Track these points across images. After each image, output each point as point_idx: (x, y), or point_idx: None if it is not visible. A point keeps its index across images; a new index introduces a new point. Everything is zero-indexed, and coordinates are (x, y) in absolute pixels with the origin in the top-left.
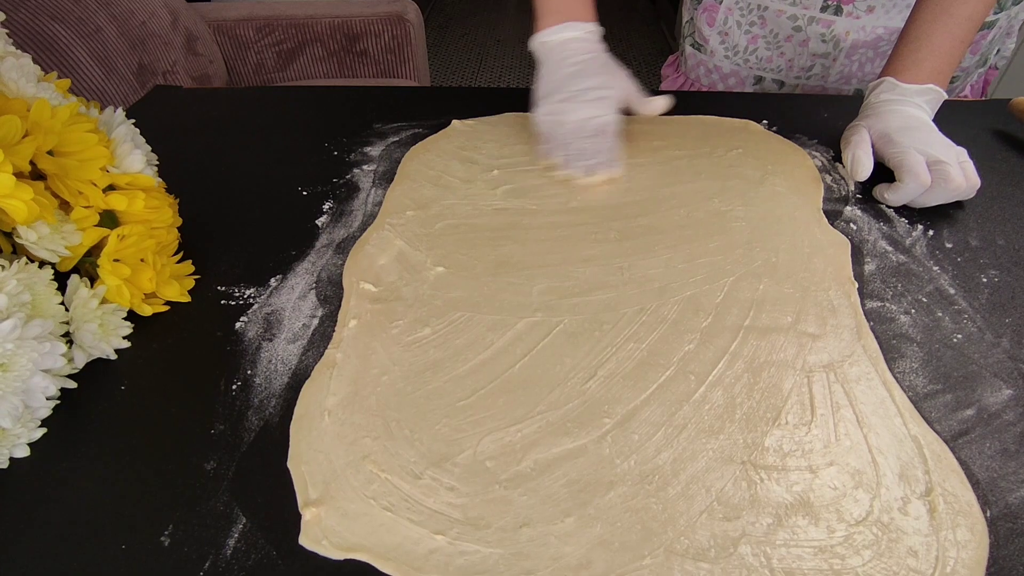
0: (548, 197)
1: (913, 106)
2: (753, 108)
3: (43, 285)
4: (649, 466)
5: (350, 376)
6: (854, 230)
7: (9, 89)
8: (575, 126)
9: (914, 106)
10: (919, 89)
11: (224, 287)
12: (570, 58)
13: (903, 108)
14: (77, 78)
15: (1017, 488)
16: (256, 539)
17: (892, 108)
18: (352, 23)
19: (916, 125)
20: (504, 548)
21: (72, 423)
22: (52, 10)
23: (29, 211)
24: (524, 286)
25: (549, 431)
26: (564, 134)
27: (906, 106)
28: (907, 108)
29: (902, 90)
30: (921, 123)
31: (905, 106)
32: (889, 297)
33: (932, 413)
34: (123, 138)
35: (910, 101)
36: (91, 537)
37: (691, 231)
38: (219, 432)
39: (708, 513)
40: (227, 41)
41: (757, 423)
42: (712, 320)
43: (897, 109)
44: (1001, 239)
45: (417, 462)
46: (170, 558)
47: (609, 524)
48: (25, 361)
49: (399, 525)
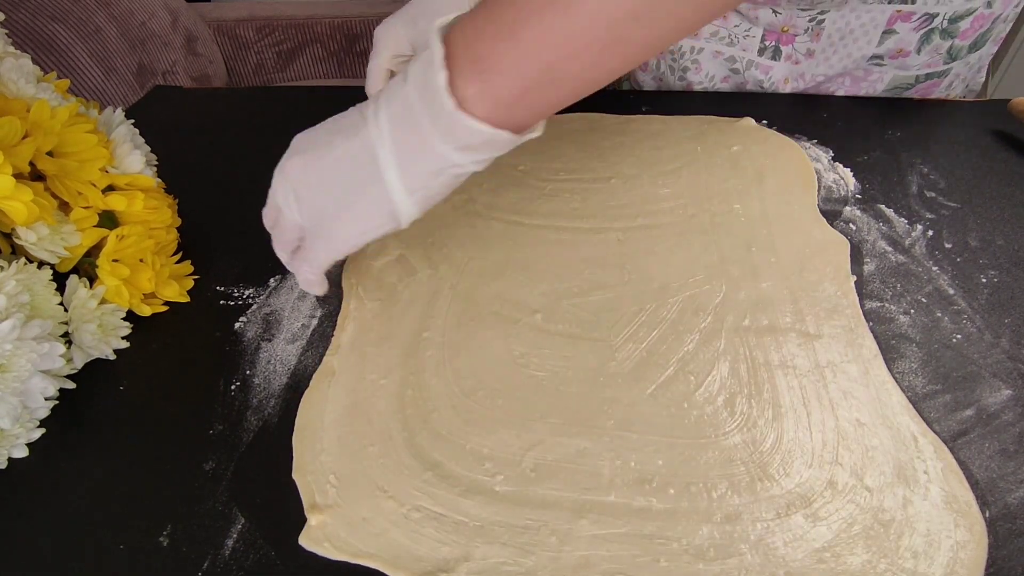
0: (548, 197)
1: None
2: (753, 108)
3: (42, 285)
4: (649, 466)
5: (350, 383)
6: (853, 230)
7: (8, 90)
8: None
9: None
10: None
11: (223, 287)
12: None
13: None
14: (77, 78)
15: (1016, 488)
16: (255, 539)
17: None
18: (352, 23)
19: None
20: (505, 549)
21: (71, 423)
22: (52, 10)
23: (28, 212)
24: (524, 287)
25: (550, 432)
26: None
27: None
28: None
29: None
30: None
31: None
32: (888, 297)
33: (931, 413)
34: (122, 138)
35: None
36: (90, 537)
37: (691, 231)
38: (218, 432)
39: (707, 513)
40: (227, 41)
41: (756, 423)
42: (712, 320)
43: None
44: (1000, 239)
45: (419, 467)
46: (169, 558)
47: (609, 524)
48: (24, 362)
49: (404, 531)
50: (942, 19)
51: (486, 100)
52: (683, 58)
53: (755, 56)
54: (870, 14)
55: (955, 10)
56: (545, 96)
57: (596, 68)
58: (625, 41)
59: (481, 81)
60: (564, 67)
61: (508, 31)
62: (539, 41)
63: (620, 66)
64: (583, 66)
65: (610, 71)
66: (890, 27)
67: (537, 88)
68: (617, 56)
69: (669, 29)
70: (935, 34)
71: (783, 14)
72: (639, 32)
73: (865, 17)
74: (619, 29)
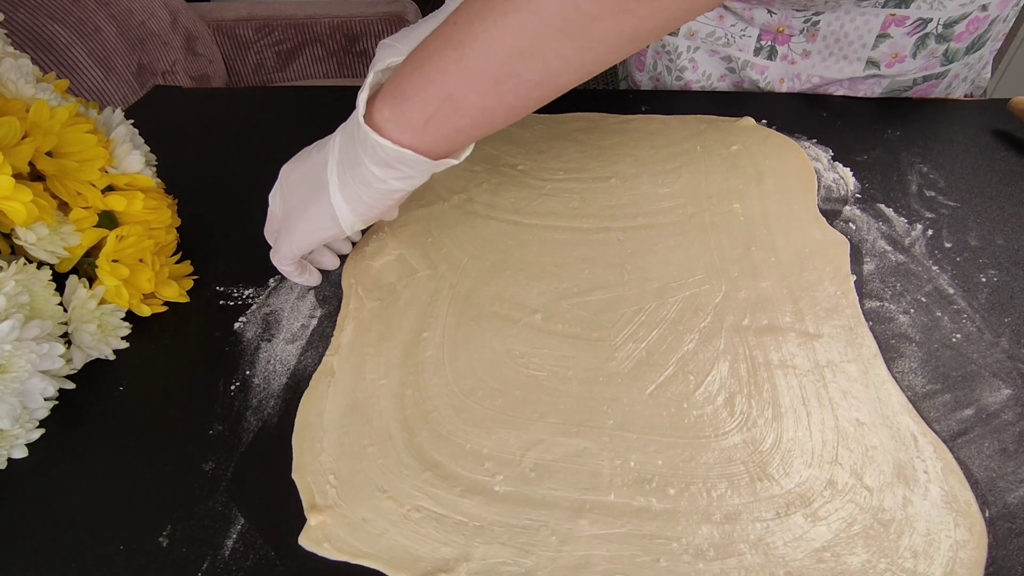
0: (547, 197)
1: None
2: (752, 107)
3: (41, 286)
4: (649, 466)
5: (349, 383)
6: (853, 230)
7: (8, 90)
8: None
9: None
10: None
11: (223, 287)
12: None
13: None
14: (76, 78)
15: (1016, 488)
16: (255, 539)
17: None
18: (352, 23)
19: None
20: (505, 549)
21: (70, 424)
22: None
23: (28, 213)
24: (523, 286)
25: (549, 432)
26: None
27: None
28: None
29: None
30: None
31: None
32: (888, 297)
33: (931, 413)
34: (122, 138)
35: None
36: (89, 538)
37: (690, 230)
38: (217, 432)
39: (707, 513)
40: (227, 41)
41: (756, 423)
42: (711, 320)
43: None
44: (1000, 239)
45: (418, 467)
46: (168, 558)
47: (609, 524)
48: (23, 362)
49: (404, 531)
50: (936, 24)
51: (397, 122)
52: (680, 58)
53: (751, 56)
54: (864, 17)
55: (949, 15)
56: (450, 122)
57: (493, 98)
58: (515, 76)
59: (394, 107)
60: (462, 96)
61: (417, 64)
62: (439, 72)
63: (517, 101)
64: (479, 96)
65: (509, 106)
66: (884, 31)
67: (440, 114)
68: (510, 90)
69: (558, 69)
70: (930, 39)
71: (778, 14)
72: (528, 68)
73: (859, 20)
74: (508, 64)
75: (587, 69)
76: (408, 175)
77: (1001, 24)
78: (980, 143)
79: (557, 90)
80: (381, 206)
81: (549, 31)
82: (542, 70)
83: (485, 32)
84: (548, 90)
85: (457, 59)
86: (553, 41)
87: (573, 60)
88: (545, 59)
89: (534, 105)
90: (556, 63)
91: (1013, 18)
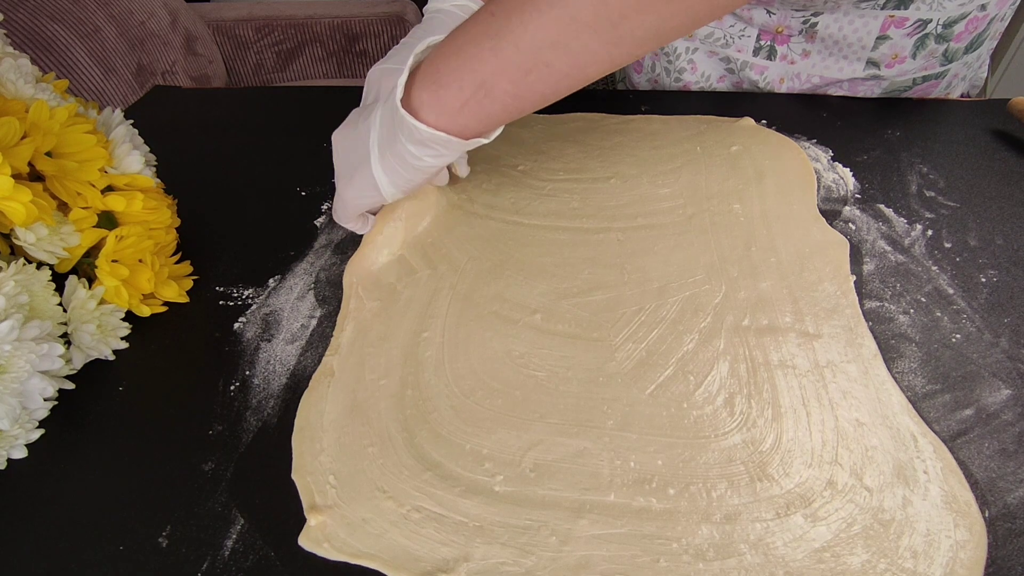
0: (547, 197)
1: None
2: (752, 108)
3: (41, 286)
4: (648, 466)
5: (349, 383)
6: (853, 230)
7: (7, 90)
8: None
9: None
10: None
11: (222, 287)
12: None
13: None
14: (76, 78)
15: (1016, 488)
16: (254, 540)
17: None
18: (352, 23)
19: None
20: (505, 549)
21: (70, 424)
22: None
23: (27, 213)
24: (523, 287)
25: (549, 432)
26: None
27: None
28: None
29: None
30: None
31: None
32: (888, 297)
33: (931, 413)
34: (121, 139)
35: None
36: (89, 538)
37: (690, 231)
38: (217, 433)
39: (707, 513)
40: (227, 41)
41: (756, 423)
42: (711, 320)
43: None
44: (1000, 239)
45: (418, 467)
46: (168, 559)
47: (609, 524)
48: (23, 362)
49: (404, 531)
50: (936, 24)
51: (434, 107)
52: (678, 59)
53: (750, 57)
54: (863, 19)
55: (948, 15)
56: (483, 107)
57: (524, 87)
58: (546, 66)
59: (432, 92)
60: (496, 83)
61: (455, 51)
62: (477, 59)
63: (546, 89)
64: (512, 84)
65: (539, 93)
66: (883, 33)
67: (475, 99)
68: (540, 79)
69: (585, 61)
70: (929, 39)
71: (777, 15)
72: (558, 59)
73: (858, 22)
74: (540, 55)
75: (614, 62)
76: (441, 154)
77: (999, 23)
78: (980, 143)
79: (584, 80)
80: (418, 179)
81: (579, 26)
82: (571, 62)
83: (521, 24)
84: (576, 80)
85: (493, 48)
86: (583, 35)
87: (600, 53)
88: (574, 52)
89: (563, 93)
90: (584, 56)
91: (1011, 16)
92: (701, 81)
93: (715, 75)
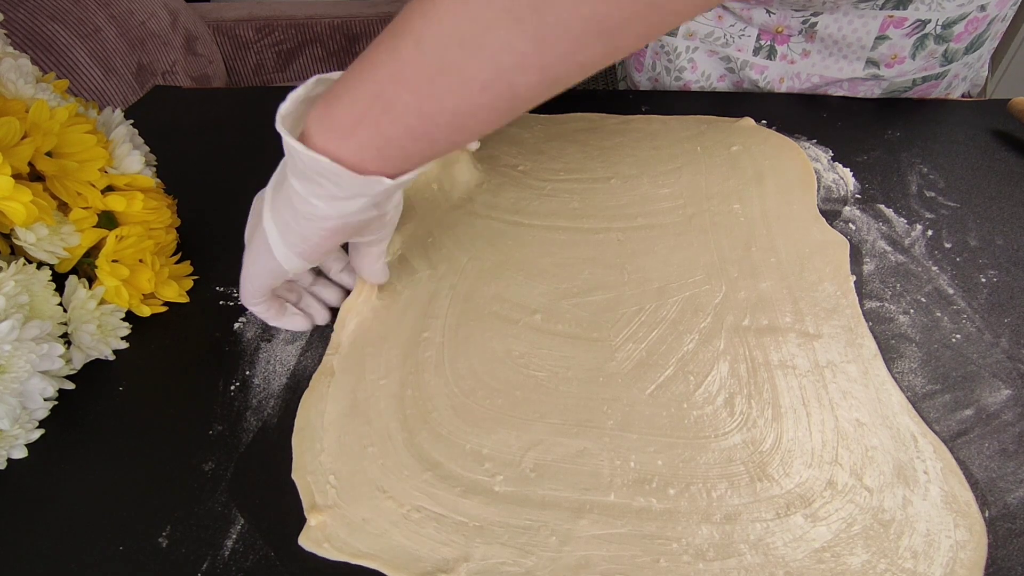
0: (547, 197)
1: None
2: (752, 108)
3: (41, 286)
4: (649, 466)
5: (349, 383)
6: (853, 230)
7: (7, 90)
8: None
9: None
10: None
11: (223, 287)
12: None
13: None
14: (76, 78)
15: (1016, 488)
16: (254, 540)
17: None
18: (352, 23)
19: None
20: (505, 549)
21: (70, 424)
22: (51, 10)
23: (28, 213)
24: (523, 287)
25: (549, 432)
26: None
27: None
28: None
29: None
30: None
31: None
32: (888, 297)
33: (931, 413)
34: (122, 139)
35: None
36: (89, 538)
37: (690, 231)
38: (217, 433)
39: (707, 513)
40: (227, 41)
41: (756, 423)
42: (711, 320)
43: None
44: (1000, 239)
45: (418, 467)
46: (168, 559)
47: (609, 524)
48: (23, 362)
49: (404, 531)
50: (935, 25)
51: (323, 123)
52: (679, 58)
53: (750, 56)
54: (862, 19)
55: (947, 16)
56: (380, 127)
57: (429, 100)
58: (456, 71)
59: (322, 106)
60: (394, 94)
61: (359, 59)
62: (371, 64)
63: (462, 105)
64: (412, 95)
65: (451, 111)
66: (882, 33)
67: (370, 116)
68: (450, 90)
69: (509, 65)
70: (929, 39)
71: (776, 14)
72: (471, 63)
73: (857, 22)
74: (445, 55)
75: (549, 71)
76: (332, 193)
77: (1000, 23)
78: (980, 143)
79: (513, 97)
80: (315, 237)
81: (495, 13)
82: (490, 66)
83: (422, 16)
84: (500, 95)
85: (392, 49)
86: (501, 27)
87: (530, 56)
88: (492, 51)
89: (486, 116)
90: (506, 58)
91: (1011, 16)
92: (701, 80)
93: (715, 74)
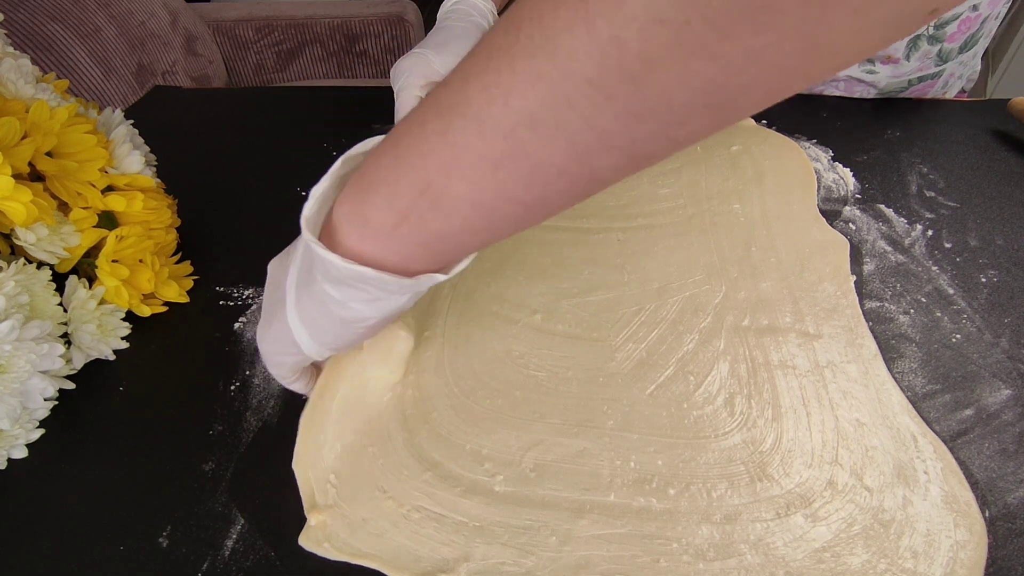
0: None
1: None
2: None
3: (41, 286)
4: (649, 466)
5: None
6: (853, 230)
7: (8, 90)
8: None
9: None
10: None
11: (223, 287)
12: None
13: None
14: (76, 79)
15: (1016, 488)
16: (255, 540)
17: None
18: (352, 23)
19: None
20: (505, 549)
21: (70, 424)
22: (51, 10)
23: (28, 213)
24: (524, 286)
25: (549, 432)
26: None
27: None
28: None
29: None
30: None
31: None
32: (888, 297)
33: (931, 413)
34: (122, 139)
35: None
36: (89, 538)
37: (690, 231)
38: (217, 433)
39: (707, 513)
40: (227, 41)
41: (756, 423)
42: (711, 320)
43: None
44: (1000, 239)
45: (418, 467)
46: (168, 559)
47: (609, 524)
48: (23, 362)
49: (404, 531)
50: (927, 25)
51: (356, 223)
52: None
53: None
54: None
55: (939, 16)
56: (427, 224)
57: (490, 191)
58: (523, 155)
59: (354, 202)
60: (446, 186)
61: (393, 142)
62: (416, 151)
63: (530, 197)
64: (470, 186)
65: (517, 202)
66: None
67: (416, 213)
68: (515, 177)
69: (590, 147)
70: (922, 40)
71: None
72: (543, 145)
73: None
74: (512, 137)
75: (639, 150)
76: (377, 296)
77: (993, 21)
78: (980, 143)
79: (592, 181)
80: (349, 335)
81: (576, 86)
82: (565, 148)
83: (483, 91)
84: (577, 179)
85: (441, 132)
86: (581, 101)
87: (616, 135)
88: (569, 130)
89: (559, 201)
90: (587, 137)
91: (1004, 14)
92: None
93: None
